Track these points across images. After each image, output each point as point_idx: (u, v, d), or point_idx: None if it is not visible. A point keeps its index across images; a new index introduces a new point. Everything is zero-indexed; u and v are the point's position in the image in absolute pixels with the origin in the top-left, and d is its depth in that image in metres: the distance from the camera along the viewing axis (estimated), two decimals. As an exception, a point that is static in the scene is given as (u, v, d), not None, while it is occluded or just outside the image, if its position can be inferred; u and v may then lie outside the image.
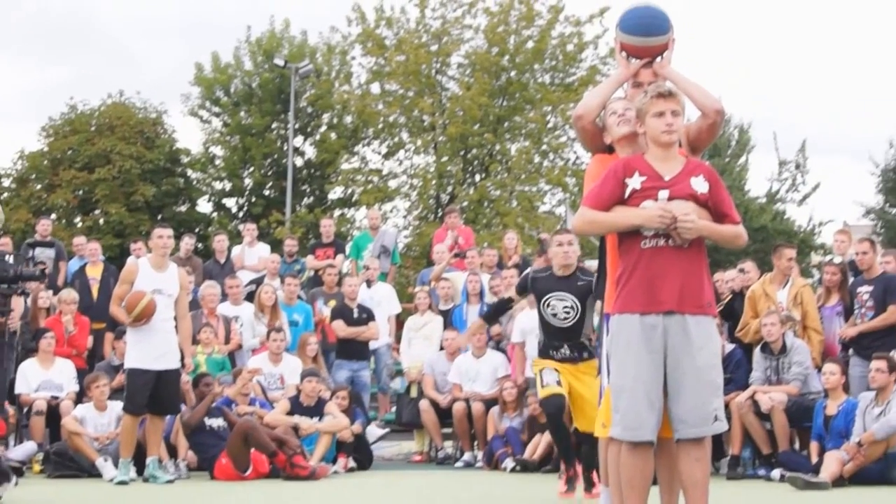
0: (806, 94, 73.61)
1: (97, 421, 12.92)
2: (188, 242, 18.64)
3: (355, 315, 15.97)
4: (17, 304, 11.91)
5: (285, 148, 36.56)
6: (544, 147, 33.53)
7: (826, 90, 69.49)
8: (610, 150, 6.80)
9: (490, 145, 33.27)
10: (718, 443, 12.26)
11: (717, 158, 37.29)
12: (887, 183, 40.40)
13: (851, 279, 14.00)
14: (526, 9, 32.94)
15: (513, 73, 33.41)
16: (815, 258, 37.01)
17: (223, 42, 75.29)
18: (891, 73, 67.95)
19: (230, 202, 39.06)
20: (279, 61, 35.43)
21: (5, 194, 36.98)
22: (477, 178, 34.20)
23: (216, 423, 12.78)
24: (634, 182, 6.03)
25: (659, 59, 6.72)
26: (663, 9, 6.74)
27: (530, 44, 33.11)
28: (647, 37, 6.67)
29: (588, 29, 33.26)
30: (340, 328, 15.87)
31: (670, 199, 5.96)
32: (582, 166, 31.74)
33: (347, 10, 34.48)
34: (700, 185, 6.06)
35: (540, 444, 13.34)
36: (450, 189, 33.49)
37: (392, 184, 34.67)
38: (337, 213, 36.66)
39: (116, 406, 12.82)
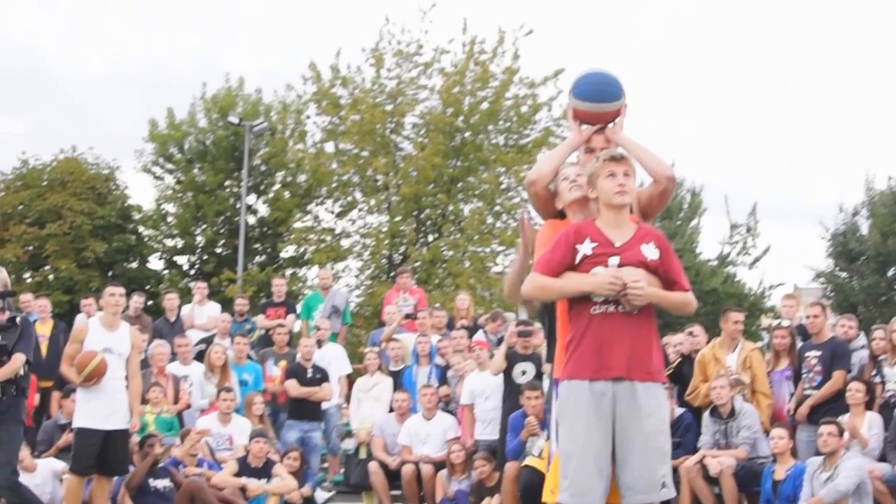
0: (757, 159, 74.34)
1: (28, 482, 12.70)
2: (137, 300, 18.52)
3: (309, 375, 15.89)
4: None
5: (238, 206, 36.45)
6: (497, 208, 33.57)
7: (777, 155, 70.23)
8: (562, 215, 6.81)
9: (443, 206, 33.28)
10: (667, 508, 12.24)
11: (669, 221, 37.48)
12: (837, 247, 40.72)
13: (800, 343, 14.09)
14: (481, 70, 33.04)
15: (467, 134, 33.44)
16: (766, 321, 37.19)
17: (178, 99, 75.34)
18: (840, 139, 68.67)
19: (182, 259, 38.88)
20: (234, 119, 35.43)
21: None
22: (430, 238, 34.17)
23: (162, 483, 12.67)
24: (585, 248, 6.06)
25: (611, 124, 6.74)
26: (616, 75, 6.78)
27: (485, 105, 33.17)
28: (599, 103, 6.68)
29: (542, 91, 33.40)
30: (293, 388, 15.78)
31: (621, 265, 5.99)
32: (535, 227, 31.78)
33: (303, 69, 34.46)
34: (650, 252, 6.09)
35: (489, 507, 13.28)
36: (402, 249, 33.43)
37: (345, 243, 34.56)
38: (289, 272, 36.51)
39: (49, 465, 12.68)
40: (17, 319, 10.91)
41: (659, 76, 66.45)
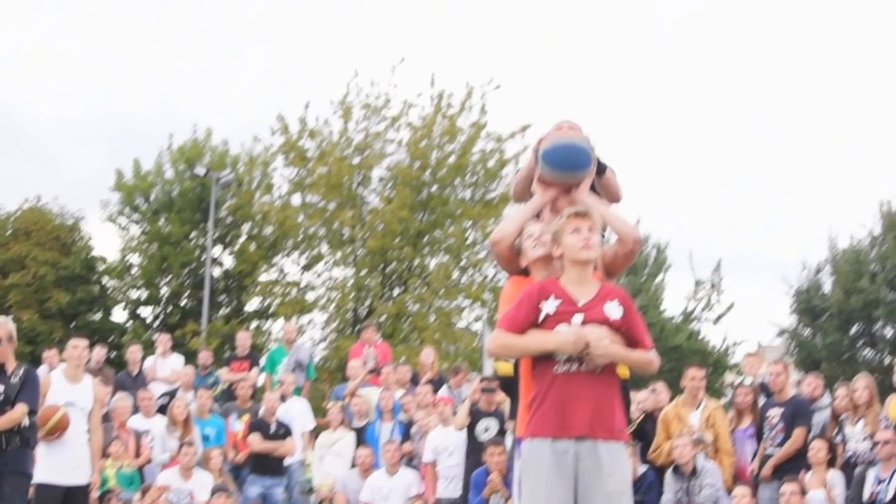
0: (722, 216, 74.59)
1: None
2: (100, 352, 18.43)
3: (272, 429, 15.83)
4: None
5: (203, 257, 36.35)
6: (463, 262, 33.59)
7: (741, 212, 70.54)
8: (526, 272, 6.82)
9: (409, 259, 33.28)
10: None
11: (634, 277, 37.60)
12: (800, 304, 40.90)
13: (763, 401, 14.12)
14: (448, 124, 33.15)
15: (434, 188, 33.50)
16: (730, 378, 37.29)
17: (145, 149, 75.09)
18: (804, 196, 69.09)
19: (146, 311, 38.65)
20: (200, 170, 35.37)
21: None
22: (395, 291, 34.14)
23: (122, 539, 12.56)
24: (549, 306, 6.07)
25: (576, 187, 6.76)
26: (587, 143, 6.82)
27: (452, 159, 33.26)
28: (570, 172, 6.74)
29: (509, 145, 33.52)
30: (256, 442, 15.70)
31: (584, 324, 5.99)
32: (500, 283, 31.84)
33: (271, 121, 34.48)
34: (614, 310, 6.10)
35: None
36: (368, 302, 33.40)
37: (310, 296, 34.48)
38: (254, 324, 36.42)
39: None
40: (22, 369, 10.80)
41: (625, 131, 66.81)
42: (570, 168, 6.72)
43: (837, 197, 63.60)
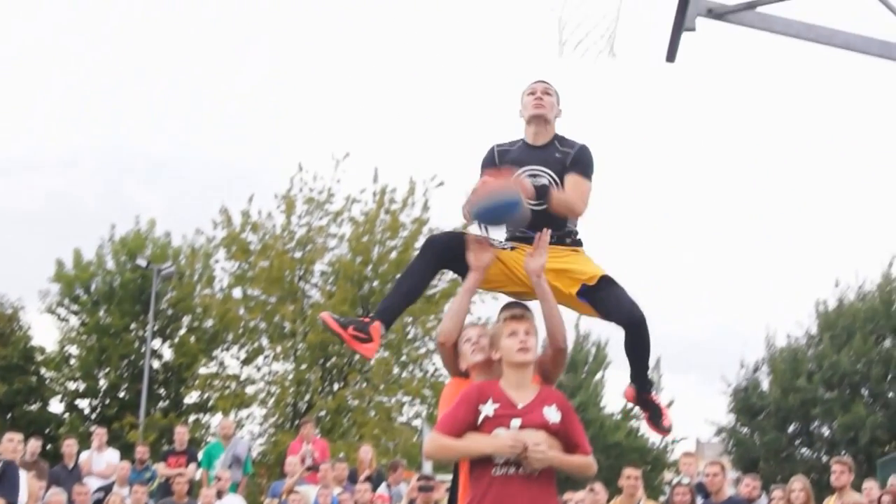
0: (660, 313, 75.08)
1: None
2: (35, 445, 18.24)
3: (207, 527, 15.72)
4: None
5: (143, 349, 36.16)
6: (403, 358, 33.59)
7: (680, 309, 71.10)
8: (467, 374, 6.87)
9: (349, 355, 33.22)
10: None
11: (574, 374, 37.76)
12: (739, 402, 41.18)
13: (700, 501, 14.19)
14: (391, 220, 33.33)
15: (375, 283, 33.58)
16: (668, 475, 37.35)
17: (86, 239, 74.75)
18: (742, 296, 69.73)
19: (83, 403, 38.31)
20: (142, 262, 35.29)
21: None
22: (335, 386, 34.03)
23: None
24: (487, 409, 6.09)
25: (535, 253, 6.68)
26: (509, 191, 6.65)
27: (394, 254, 33.40)
28: (504, 224, 6.84)
29: (451, 242, 33.61)
30: (190, 539, 15.60)
31: (522, 427, 6.02)
32: (440, 378, 31.88)
33: (214, 213, 34.51)
34: (552, 414, 6.13)
35: None
36: (307, 397, 33.28)
37: (249, 390, 34.32)
38: (192, 418, 36.16)
39: None
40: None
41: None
42: (502, 222, 6.79)
43: (775, 296, 64.28)
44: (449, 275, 32.99)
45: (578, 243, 7.08)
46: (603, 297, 6.72)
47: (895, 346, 38.17)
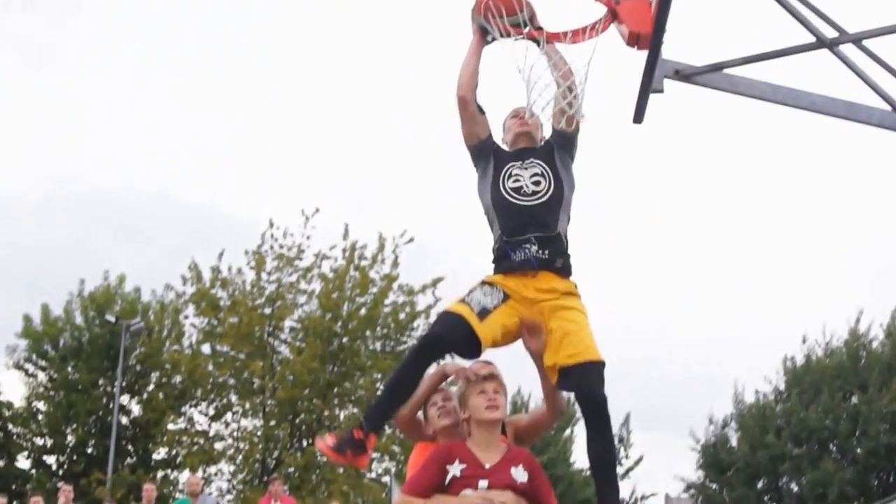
0: (629, 371, 75.10)
1: None
2: (1, 502, 18.22)
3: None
4: None
5: (111, 405, 36.00)
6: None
7: (649, 366, 71.08)
8: (433, 437, 6.87)
9: (319, 411, 33.17)
10: None
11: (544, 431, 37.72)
12: (707, 458, 41.25)
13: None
14: (360, 276, 33.39)
15: (345, 339, 33.59)
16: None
17: (55, 295, 74.48)
18: (710, 351, 69.88)
19: (51, 459, 38.09)
20: (111, 317, 35.21)
21: None
22: (304, 443, 33.94)
23: None
24: (455, 469, 6.10)
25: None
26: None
27: (363, 311, 33.45)
28: None
29: (421, 299, 33.83)
30: None
31: (490, 488, 6.03)
32: (409, 435, 31.82)
33: (183, 269, 34.50)
34: (520, 474, 6.15)
35: None
36: (276, 453, 33.19)
37: (218, 446, 34.19)
38: (160, 474, 35.97)
39: None
40: None
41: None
42: None
43: (743, 352, 64.42)
44: (419, 331, 33.30)
45: (570, 269, 6.70)
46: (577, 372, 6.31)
47: (863, 402, 38.30)
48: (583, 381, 6.24)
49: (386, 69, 65.16)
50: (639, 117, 8.84)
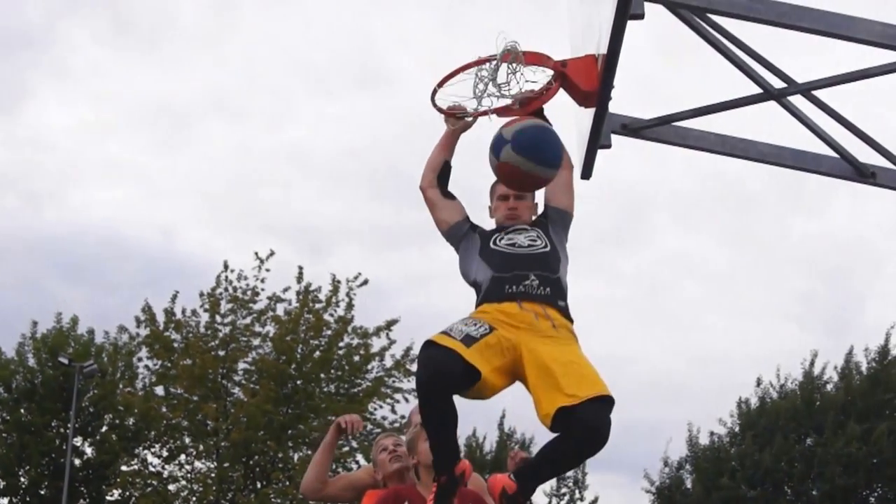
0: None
1: None
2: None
3: None
4: None
5: (64, 447, 35.78)
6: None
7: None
8: (385, 484, 6.90)
9: (273, 452, 33.11)
10: None
11: (500, 472, 37.69)
12: (662, 500, 41.32)
13: None
14: (314, 319, 33.40)
15: (299, 382, 33.55)
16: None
17: (7, 337, 73.90)
18: (664, 392, 70.03)
19: (3, 501, 37.73)
20: (63, 359, 35.05)
21: None
22: (258, 485, 33.82)
23: None
24: None
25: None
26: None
27: (317, 353, 33.45)
28: (540, 167, 6.03)
29: (375, 341, 33.86)
30: None
31: None
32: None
33: (137, 311, 34.38)
34: None
35: None
36: (230, 495, 33.06)
37: (172, 488, 34.12)
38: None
39: None
40: None
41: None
42: (542, 162, 6.05)
43: (697, 394, 64.67)
44: (373, 373, 33.45)
45: (571, 316, 6.05)
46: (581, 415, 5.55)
47: (818, 444, 38.49)
48: (591, 415, 5.55)
49: (337, 108, 65.21)
50: (587, 173, 8.88)
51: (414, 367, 33.14)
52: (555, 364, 5.60)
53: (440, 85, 6.68)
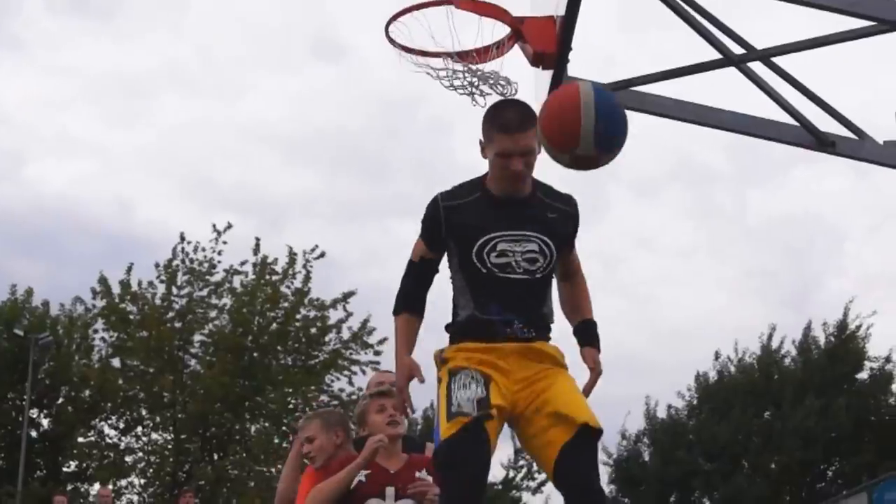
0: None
1: None
2: None
3: None
4: None
5: (20, 419, 35.56)
6: (284, 428, 33.43)
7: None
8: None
9: (230, 424, 33.04)
10: None
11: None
12: (619, 473, 41.51)
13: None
14: (271, 291, 33.28)
15: (256, 354, 33.45)
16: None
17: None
18: (622, 366, 70.34)
19: (-41, 472, 37.58)
20: (19, 331, 34.83)
21: None
22: (215, 456, 33.76)
23: None
24: (360, 476, 6.08)
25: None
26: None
27: (275, 326, 33.36)
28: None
29: (332, 313, 33.76)
30: None
31: (397, 492, 5.99)
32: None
33: (93, 282, 34.17)
34: (425, 478, 6.14)
35: None
36: (187, 467, 32.99)
37: (128, 459, 34.01)
38: (70, 487, 35.59)
39: None
40: None
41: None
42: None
43: (655, 368, 64.93)
44: (330, 346, 33.41)
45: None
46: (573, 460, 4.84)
47: (776, 418, 38.66)
48: (575, 470, 4.82)
49: (297, 80, 64.95)
50: None
51: (370, 339, 33.27)
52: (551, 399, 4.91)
53: (394, 19, 6.58)
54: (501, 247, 4.95)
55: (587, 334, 5.36)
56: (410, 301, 5.20)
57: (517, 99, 4.77)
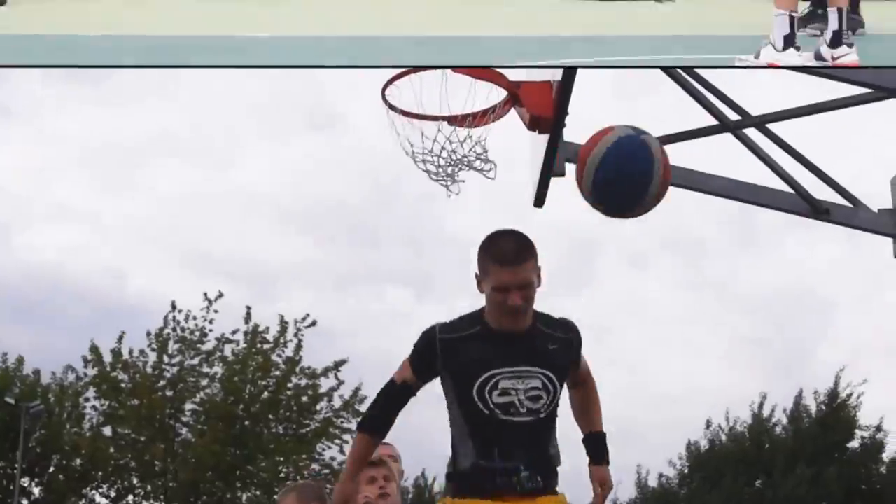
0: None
1: None
2: None
3: None
4: None
5: (11, 488, 35.47)
6: (276, 497, 33.24)
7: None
8: None
9: (221, 493, 32.95)
10: None
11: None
12: None
13: None
14: (263, 360, 33.32)
15: (247, 422, 33.41)
16: None
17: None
18: (613, 437, 70.14)
19: (-51, 546, 37.39)
20: (10, 400, 34.80)
21: None
22: (206, 525, 33.68)
23: None
24: None
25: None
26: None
27: (266, 394, 33.36)
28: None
29: (324, 382, 33.78)
30: None
31: None
32: None
33: (84, 350, 34.20)
34: None
35: None
36: (178, 536, 32.90)
37: (119, 529, 33.90)
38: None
39: None
40: None
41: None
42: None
43: (646, 437, 64.73)
44: (322, 414, 33.41)
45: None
46: None
47: (767, 486, 38.58)
48: None
49: (287, 150, 65.23)
50: (540, 201, 8.81)
51: (362, 408, 33.18)
52: None
53: (391, 82, 6.71)
54: (504, 385, 4.75)
55: (595, 449, 5.36)
56: (378, 423, 5.04)
57: (513, 229, 4.57)
